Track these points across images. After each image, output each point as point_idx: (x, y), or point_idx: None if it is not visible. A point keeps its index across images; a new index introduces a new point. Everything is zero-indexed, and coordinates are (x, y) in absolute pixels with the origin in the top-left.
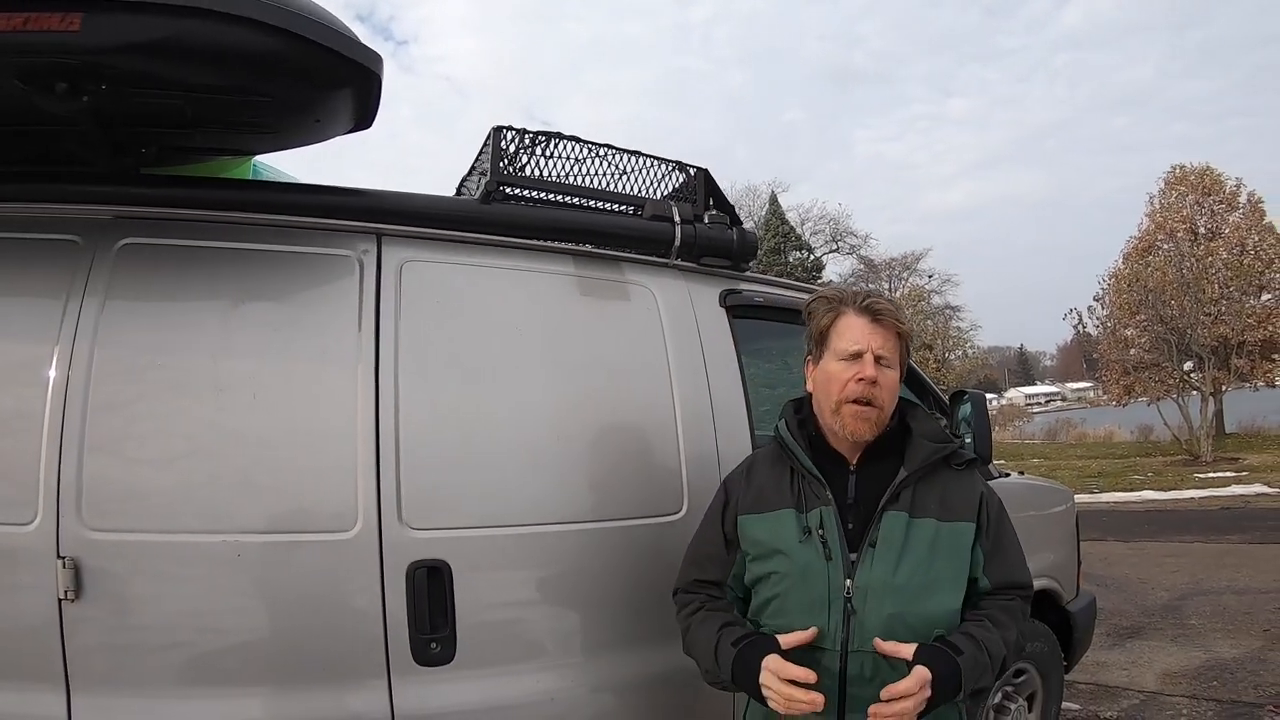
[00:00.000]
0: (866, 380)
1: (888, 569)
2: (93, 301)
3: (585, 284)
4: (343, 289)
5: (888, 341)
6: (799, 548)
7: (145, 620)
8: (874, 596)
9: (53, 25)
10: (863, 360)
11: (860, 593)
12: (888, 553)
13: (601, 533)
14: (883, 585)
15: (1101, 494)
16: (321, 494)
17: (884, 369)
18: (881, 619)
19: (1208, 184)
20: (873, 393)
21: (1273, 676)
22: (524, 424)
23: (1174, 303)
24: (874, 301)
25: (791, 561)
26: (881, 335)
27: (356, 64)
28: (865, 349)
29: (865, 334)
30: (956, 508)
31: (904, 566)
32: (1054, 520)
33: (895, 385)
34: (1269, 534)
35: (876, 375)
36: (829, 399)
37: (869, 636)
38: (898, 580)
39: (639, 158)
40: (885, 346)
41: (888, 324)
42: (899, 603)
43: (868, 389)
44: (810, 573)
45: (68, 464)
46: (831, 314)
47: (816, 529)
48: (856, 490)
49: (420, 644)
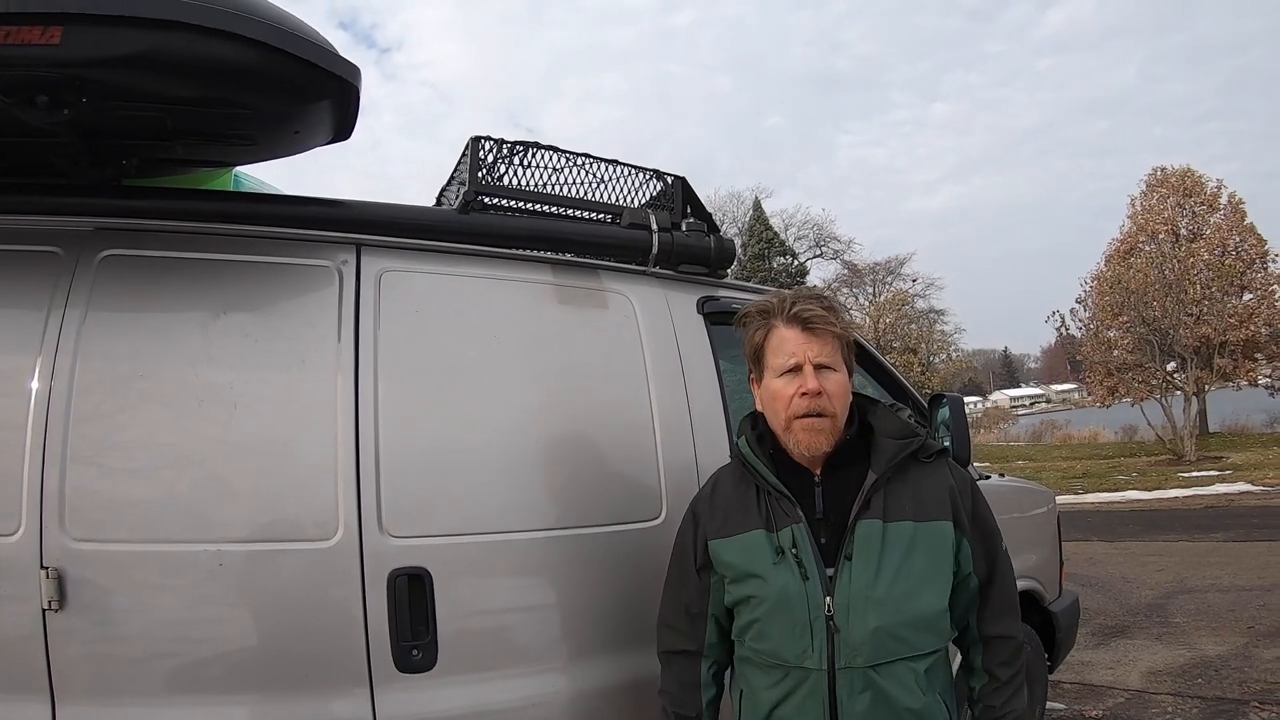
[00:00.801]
0: (810, 393)
1: (867, 581)
2: (74, 313)
3: (563, 292)
4: (322, 299)
5: (825, 347)
6: (774, 570)
7: (129, 630)
8: (856, 611)
9: (33, 39)
10: (803, 373)
11: (842, 609)
12: (865, 564)
13: (581, 539)
14: (864, 599)
15: (1086, 494)
16: (302, 503)
17: (827, 375)
18: (866, 633)
19: (1189, 186)
20: (820, 404)
21: (1257, 673)
22: (503, 432)
23: (1156, 304)
24: (802, 309)
25: (767, 585)
26: (818, 343)
27: (335, 76)
28: (803, 360)
29: (800, 345)
30: (930, 506)
31: (883, 576)
32: (1036, 522)
33: (843, 388)
34: (1252, 532)
35: (820, 385)
36: (777, 417)
37: (856, 653)
38: (878, 592)
39: (616, 166)
40: (823, 353)
41: (820, 330)
42: (882, 615)
43: (813, 401)
44: (788, 595)
45: (50, 475)
46: (764, 329)
47: (790, 549)
48: (825, 502)
49: (402, 651)
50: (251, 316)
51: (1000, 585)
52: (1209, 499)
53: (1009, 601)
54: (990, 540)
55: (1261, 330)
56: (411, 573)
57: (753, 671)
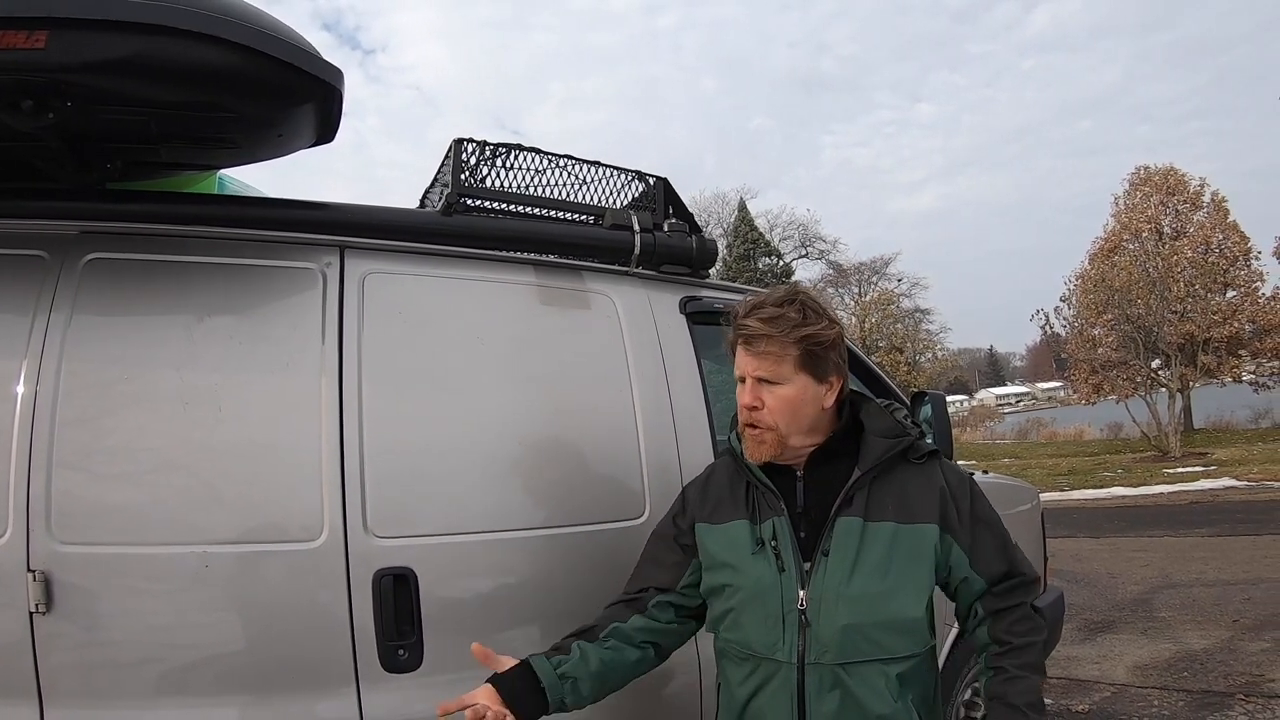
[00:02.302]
0: (746, 407)
1: (840, 578)
2: (59, 316)
3: (546, 293)
4: (306, 301)
5: (763, 362)
6: (751, 560)
7: (116, 632)
8: (827, 607)
9: (19, 43)
10: (744, 386)
11: (814, 604)
12: (841, 561)
13: (565, 538)
14: (836, 595)
15: (1072, 491)
16: (287, 504)
17: (768, 389)
18: (836, 630)
19: (1172, 184)
20: (757, 417)
21: (1242, 666)
22: (487, 432)
23: (1140, 301)
24: (743, 323)
25: (743, 575)
26: (756, 359)
27: (318, 79)
28: (744, 374)
29: (743, 359)
30: (916, 508)
31: (858, 575)
32: (1020, 519)
33: (786, 402)
34: (1237, 527)
35: (754, 400)
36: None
37: (825, 649)
38: (851, 590)
39: (599, 168)
40: (762, 368)
41: (757, 348)
42: (854, 613)
43: (751, 414)
44: (763, 586)
45: (37, 478)
46: (730, 337)
47: (769, 540)
48: (806, 496)
49: (388, 651)
50: (236, 319)
51: (1019, 575)
52: (1194, 495)
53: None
54: (998, 534)
55: (1245, 327)
56: (397, 573)
57: (729, 664)
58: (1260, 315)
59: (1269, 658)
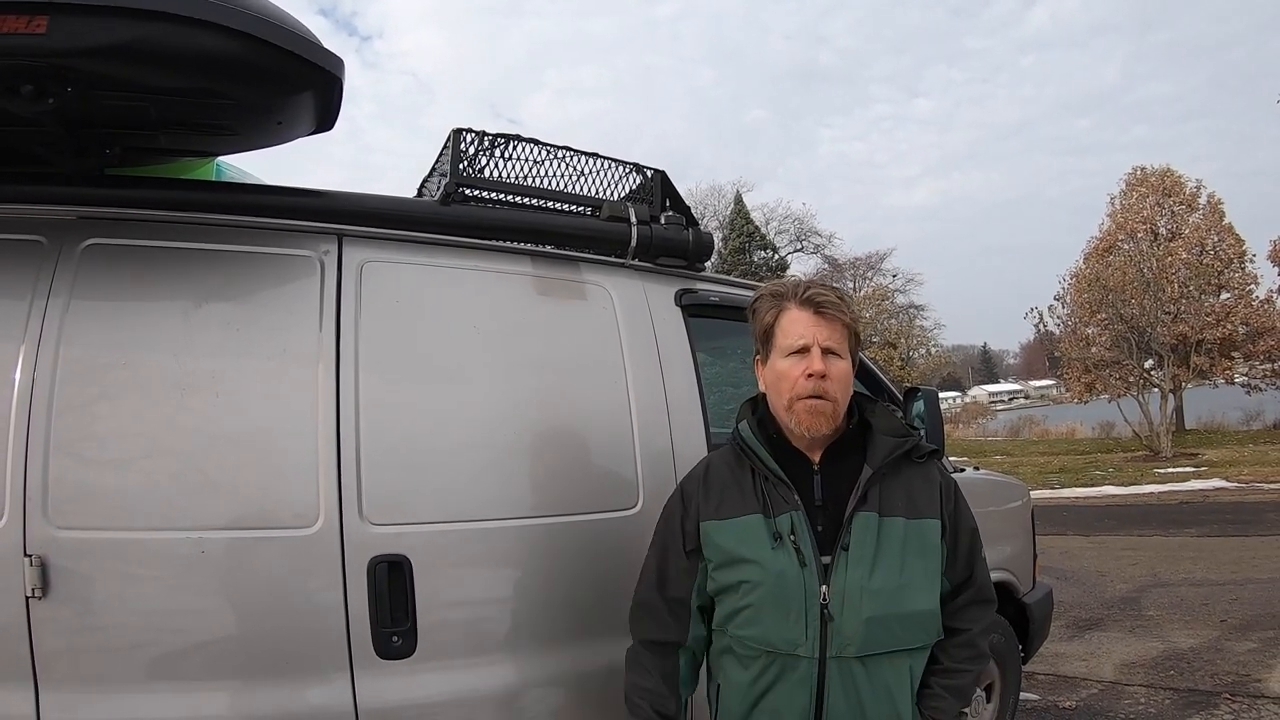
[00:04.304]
0: (815, 375)
1: (863, 572)
2: (57, 301)
3: (543, 284)
4: (304, 289)
5: (834, 333)
6: (771, 554)
7: (112, 617)
8: (850, 601)
9: (19, 28)
10: (810, 355)
11: (837, 598)
12: (862, 556)
13: (559, 527)
14: (859, 589)
15: (1063, 489)
16: (283, 491)
17: (833, 360)
18: (860, 623)
19: (1168, 185)
20: (824, 386)
21: (1228, 665)
22: (482, 421)
23: (1134, 301)
24: (816, 293)
25: (764, 570)
26: (827, 327)
27: (318, 67)
28: (811, 342)
29: (810, 327)
30: (921, 504)
31: (879, 569)
32: (1010, 515)
33: (847, 376)
34: (1226, 527)
35: (825, 368)
36: (781, 397)
37: (848, 643)
38: (874, 584)
39: (597, 159)
40: (832, 338)
41: (831, 315)
42: (877, 606)
43: (818, 383)
44: (785, 580)
45: (34, 463)
46: (775, 310)
47: (788, 534)
48: (823, 491)
49: (382, 638)
50: (233, 306)
51: (977, 586)
52: (1184, 494)
53: (985, 599)
54: (971, 541)
55: (1238, 329)
56: (392, 560)
57: (733, 663)
58: (1254, 318)
59: (1255, 657)
